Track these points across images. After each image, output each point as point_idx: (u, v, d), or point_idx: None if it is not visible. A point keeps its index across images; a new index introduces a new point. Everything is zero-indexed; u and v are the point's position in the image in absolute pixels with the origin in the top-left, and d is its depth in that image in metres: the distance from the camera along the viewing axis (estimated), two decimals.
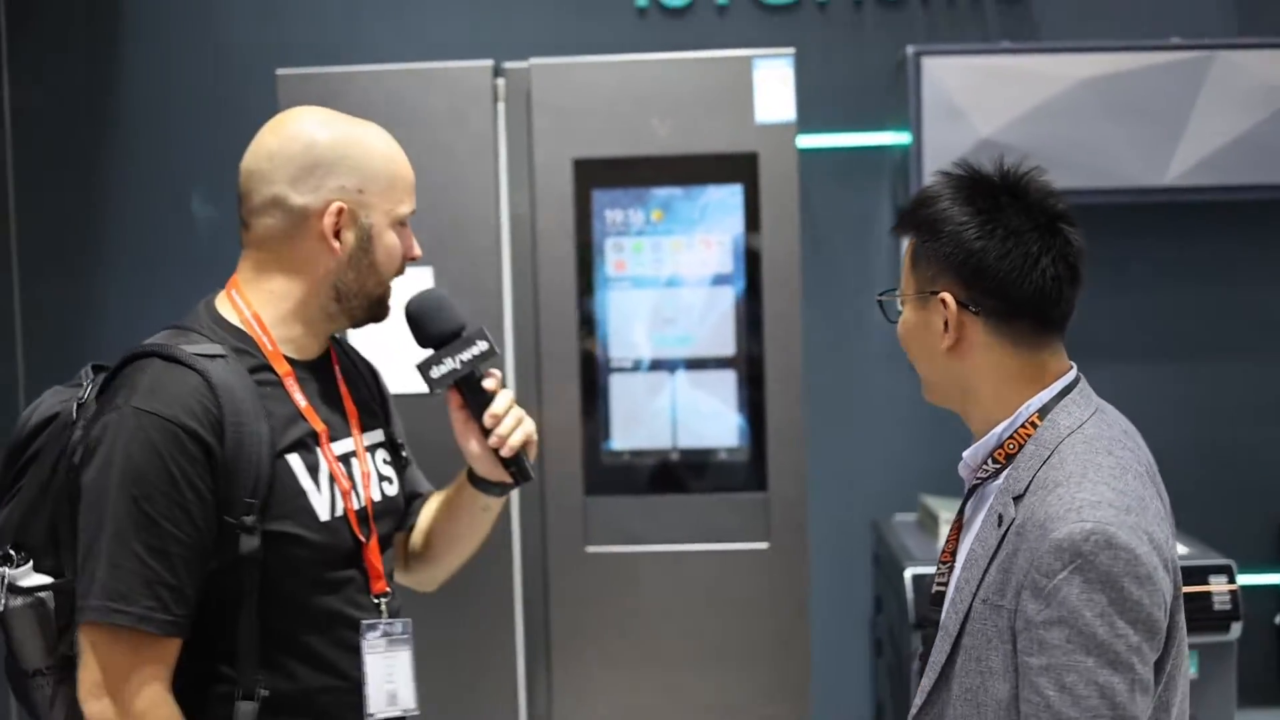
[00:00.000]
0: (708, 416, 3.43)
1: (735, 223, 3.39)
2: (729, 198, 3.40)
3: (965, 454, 1.92)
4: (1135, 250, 4.17)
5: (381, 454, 2.27)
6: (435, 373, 2.16)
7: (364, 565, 2.13)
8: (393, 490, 2.27)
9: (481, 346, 2.18)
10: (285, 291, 2.11)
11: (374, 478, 2.21)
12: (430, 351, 2.19)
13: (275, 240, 2.10)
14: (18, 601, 2.00)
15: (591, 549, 3.40)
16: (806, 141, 3.91)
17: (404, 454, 2.37)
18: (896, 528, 4.01)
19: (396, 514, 2.29)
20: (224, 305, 2.13)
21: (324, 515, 2.07)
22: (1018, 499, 1.79)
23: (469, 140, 3.38)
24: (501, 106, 3.41)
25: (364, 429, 2.23)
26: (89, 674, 1.93)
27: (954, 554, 1.92)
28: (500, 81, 3.41)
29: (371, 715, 2.13)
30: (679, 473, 3.44)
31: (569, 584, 3.40)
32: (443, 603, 2.99)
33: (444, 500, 2.38)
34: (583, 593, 3.40)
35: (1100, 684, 1.65)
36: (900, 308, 1.95)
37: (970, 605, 1.81)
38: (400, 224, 2.15)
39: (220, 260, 2.27)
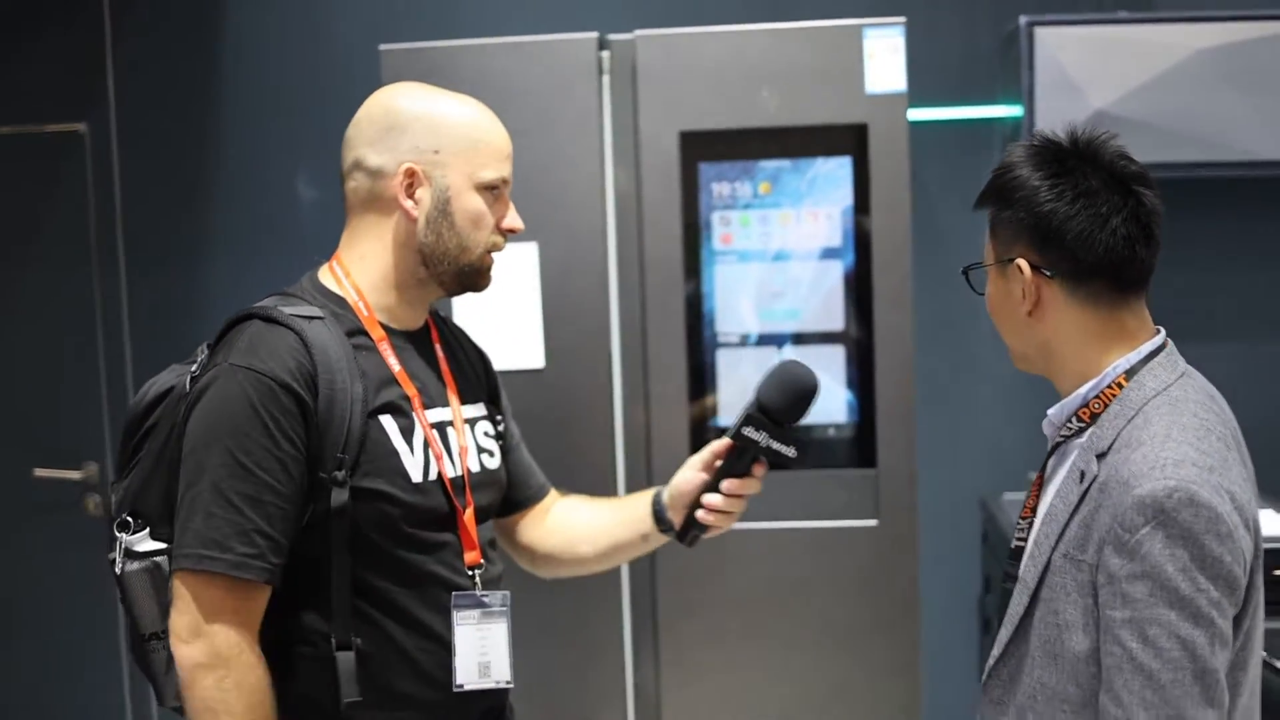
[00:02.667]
0: None
1: (844, 195, 3.34)
2: (838, 170, 3.34)
3: (1050, 411, 1.97)
4: (1257, 225, 4.06)
5: (483, 426, 2.31)
6: (749, 433, 2.23)
7: (458, 532, 2.16)
8: (493, 464, 2.31)
9: (789, 452, 2.26)
10: (374, 256, 2.17)
11: (473, 450, 2.24)
12: (758, 411, 2.24)
13: (361, 204, 2.18)
14: (134, 565, 2.06)
15: None
16: (916, 114, 3.85)
17: (505, 429, 2.41)
18: (1005, 506, 3.93)
19: (496, 487, 2.33)
20: (326, 276, 2.20)
21: (416, 477, 2.11)
22: (1101, 456, 1.82)
23: (573, 113, 3.35)
24: (606, 79, 3.38)
25: (463, 401, 2.27)
26: (181, 619, 1.98)
27: (1034, 510, 1.97)
28: (605, 54, 3.38)
29: (460, 686, 2.15)
30: None
31: (676, 561, 3.37)
32: (550, 581, 2.98)
33: (613, 518, 2.48)
34: (690, 569, 3.36)
35: (1182, 637, 1.68)
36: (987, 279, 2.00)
37: (1049, 559, 1.84)
38: (488, 189, 2.18)
39: (324, 243, 2.29)
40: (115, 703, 4.43)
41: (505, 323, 3.28)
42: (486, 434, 2.31)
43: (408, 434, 2.11)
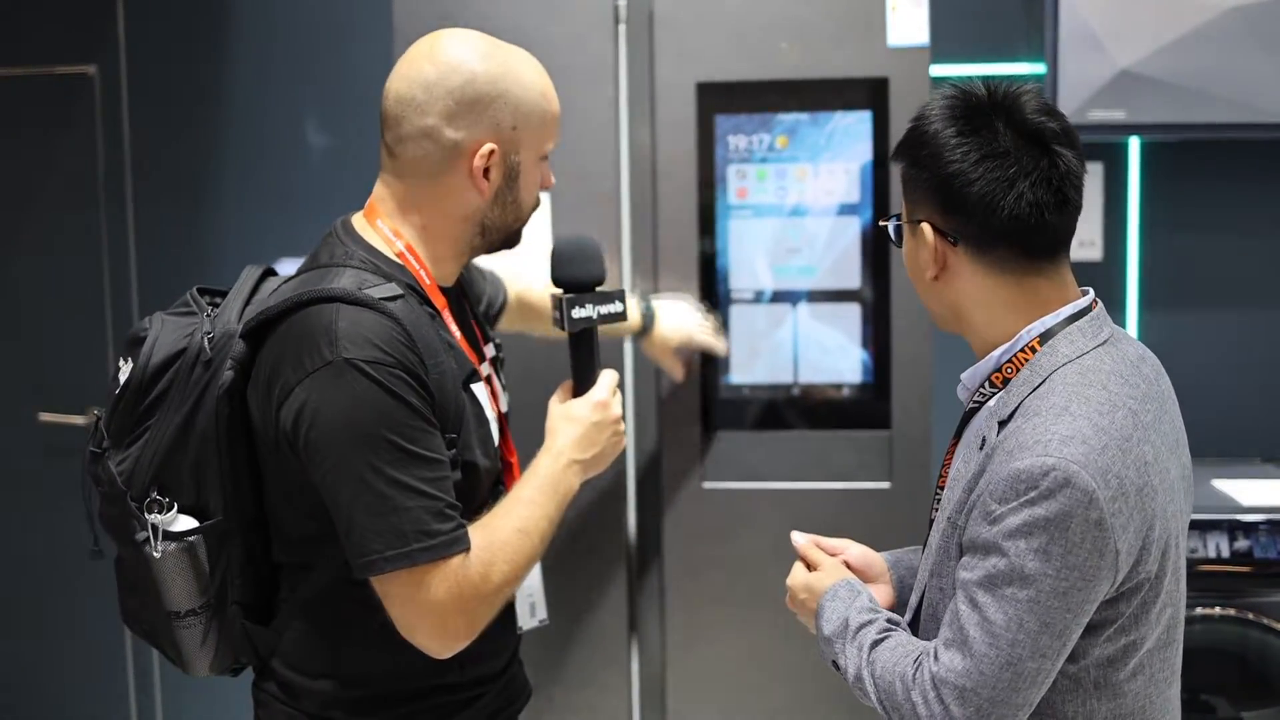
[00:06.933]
0: (830, 351, 3.32)
1: (864, 150, 3.26)
2: (857, 124, 3.27)
3: (963, 376, 1.90)
4: None
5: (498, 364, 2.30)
6: (577, 313, 2.18)
7: (505, 488, 2.15)
8: (505, 402, 2.30)
9: (618, 307, 2.22)
10: (432, 225, 2.09)
11: (500, 392, 2.24)
12: (569, 293, 2.21)
13: (422, 172, 2.06)
14: (170, 547, 2.01)
15: (708, 485, 3.32)
16: (937, 70, 3.77)
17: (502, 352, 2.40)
18: None
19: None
20: (369, 233, 2.08)
21: (496, 442, 2.10)
22: (1003, 424, 1.76)
23: (588, 62, 3.28)
24: (623, 28, 3.30)
25: (485, 342, 2.26)
26: (414, 617, 1.91)
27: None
28: (621, 2, 3.30)
29: (520, 629, 2.23)
30: (800, 408, 3.34)
31: (684, 520, 3.33)
32: (555, 536, 2.96)
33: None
34: (698, 529, 3.32)
35: (1009, 614, 1.64)
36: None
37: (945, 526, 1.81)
38: (543, 158, 2.15)
39: (331, 187, 2.23)
40: (118, 644, 4.42)
41: (516, 274, 3.23)
42: (499, 370, 2.31)
43: (484, 400, 2.10)
